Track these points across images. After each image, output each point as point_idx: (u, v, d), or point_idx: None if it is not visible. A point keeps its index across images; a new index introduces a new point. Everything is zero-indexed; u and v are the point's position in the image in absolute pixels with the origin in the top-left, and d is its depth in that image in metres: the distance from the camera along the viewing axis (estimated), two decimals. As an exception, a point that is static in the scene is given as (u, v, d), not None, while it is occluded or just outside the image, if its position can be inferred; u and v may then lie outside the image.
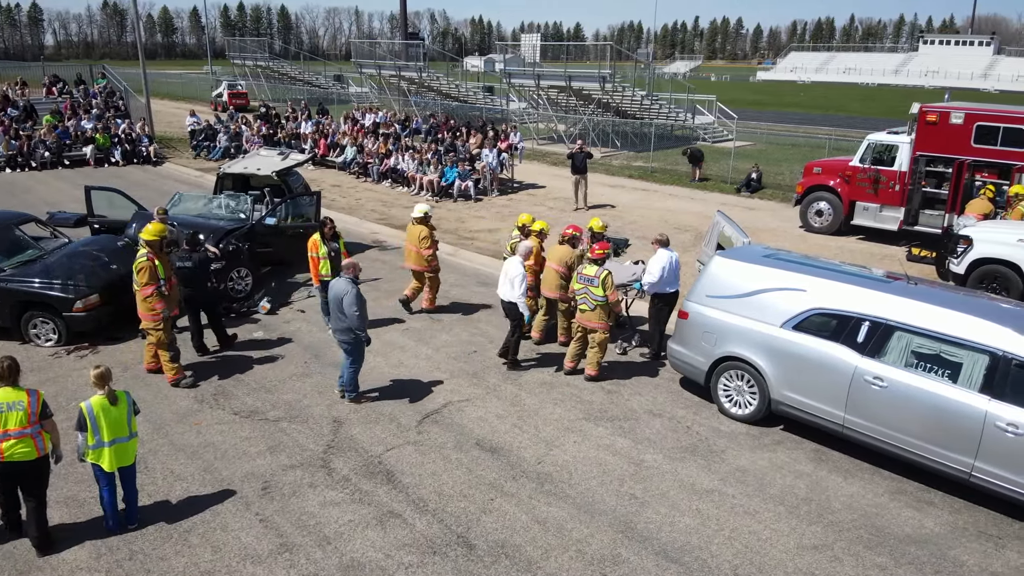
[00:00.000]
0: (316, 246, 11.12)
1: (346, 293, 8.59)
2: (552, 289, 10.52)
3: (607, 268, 9.66)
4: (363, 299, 8.81)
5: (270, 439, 8.27)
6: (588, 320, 9.65)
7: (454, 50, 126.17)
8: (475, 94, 39.56)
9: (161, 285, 9.27)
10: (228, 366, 10.19)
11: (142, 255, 9.32)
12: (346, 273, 8.88)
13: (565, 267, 10.32)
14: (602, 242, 10.25)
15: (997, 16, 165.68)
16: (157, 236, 9.40)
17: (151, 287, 9.20)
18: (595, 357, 9.79)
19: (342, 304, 8.61)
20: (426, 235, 11.79)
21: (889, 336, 7.74)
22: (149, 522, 6.85)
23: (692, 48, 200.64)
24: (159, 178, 24.50)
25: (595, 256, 9.59)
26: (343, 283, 8.74)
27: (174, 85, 60.08)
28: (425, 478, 7.55)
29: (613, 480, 7.57)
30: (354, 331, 8.71)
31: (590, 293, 9.51)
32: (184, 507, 7.08)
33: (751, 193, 22.48)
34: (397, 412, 8.91)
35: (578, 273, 9.75)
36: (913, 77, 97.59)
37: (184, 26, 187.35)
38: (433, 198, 21.47)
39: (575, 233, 10.65)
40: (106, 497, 6.66)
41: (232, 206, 13.77)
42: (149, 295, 9.21)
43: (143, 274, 9.18)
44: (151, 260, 9.23)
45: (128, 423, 6.60)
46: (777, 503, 7.27)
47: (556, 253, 10.49)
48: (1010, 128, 14.73)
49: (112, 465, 6.52)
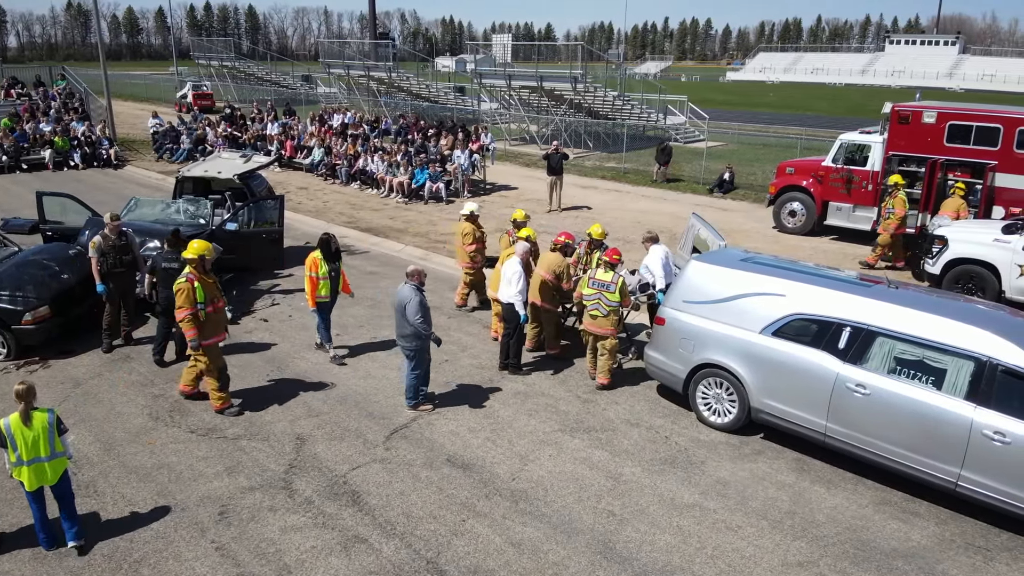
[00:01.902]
0: (316, 265, 10.00)
1: (409, 300, 8.44)
2: (539, 297, 10.16)
3: (621, 274, 9.44)
4: (426, 307, 8.63)
5: (228, 459, 7.83)
6: (600, 327, 9.39)
7: (425, 50, 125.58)
8: (446, 94, 39.12)
9: (199, 309, 8.39)
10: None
11: (182, 275, 8.49)
12: (411, 280, 8.64)
13: (554, 275, 9.99)
14: (614, 247, 9.91)
15: (962, 16, 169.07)
16: (199, 254, 8.53)
17: (185, 311, 8.32)
18: (607, 364, 9.52)
19: (405, 311, 8.42)
20: (468, 231, 11.61)
21: (871, 342, 7.52)
22: (97, 551, 6.41)
23: (662, 49, 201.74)
24: (120, 182, 23.79)
25: (611, 260, 9.37)
26: (408, 290, 8.54)
27: (138, 86, 58.87)
28: (393, 498, 7.16)
29: (590, 496, 7.25)
30: (419, 337, 8.54)
31: (604, 299, 9.26)
32: (135, 535, 6.63)
33: (724, 194, 22.37)
34: (364, 427, 8.51)
35: (590, 278, 9.49)
36: (880, 77, 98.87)
37: (150, 27, 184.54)
38: (403, 200, 21.04)
39: (568, 241, 10.30)
40: (35, 514, 6.32)
41: (191, 211, 13.24)
42: (182, 319, 8.38)
43: (179, 296, 8.35)
44: (190, 282, 8.37)
45: (50, 442, 6.17)
46: (760, 517, 7.00)
47: (546, 261, 10.14)
48: (982, 127, 14.70)
49: (32, 484, 6.17)
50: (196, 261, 8.52)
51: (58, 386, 9.48)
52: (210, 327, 8.56)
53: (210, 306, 8.49)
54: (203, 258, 8.56)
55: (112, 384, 9.58)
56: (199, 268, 8.52)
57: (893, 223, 14.45)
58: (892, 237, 14.55)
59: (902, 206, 14.37)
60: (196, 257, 8.52)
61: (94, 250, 10.34)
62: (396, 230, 17.78)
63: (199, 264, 8.52)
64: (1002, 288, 11.92)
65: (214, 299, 8.60)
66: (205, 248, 8.65)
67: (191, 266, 8.52)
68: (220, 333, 8.76)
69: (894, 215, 14.42)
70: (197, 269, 8.50)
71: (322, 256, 10.04)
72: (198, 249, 8.57)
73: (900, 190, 14.54)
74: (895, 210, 14.40)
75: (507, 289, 9.68)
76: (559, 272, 10.01)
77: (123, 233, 10.64)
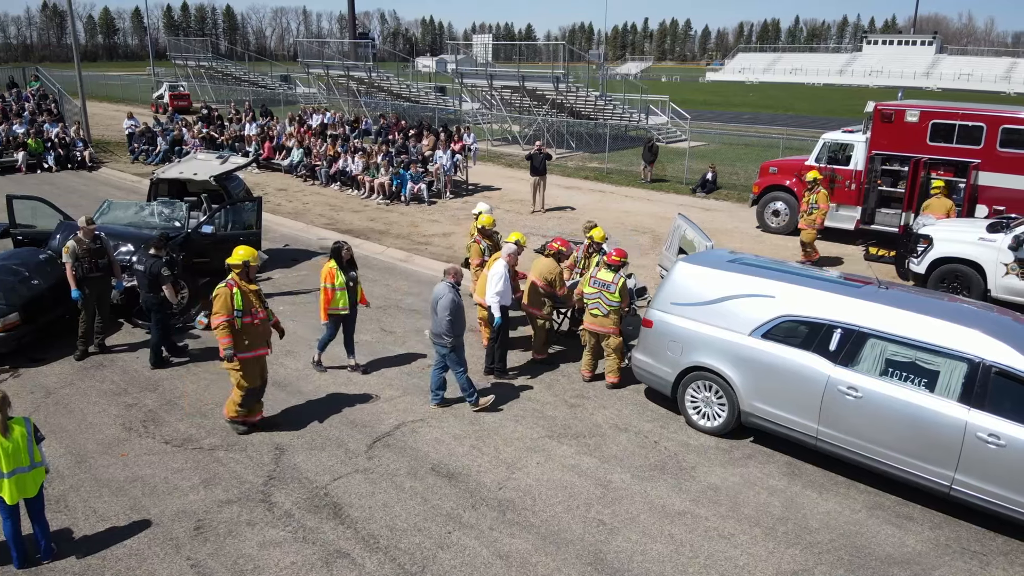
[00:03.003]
0: (332, 275, 9.49)
1: (442, 297, 8.47)
2: (533, 305, 9.98)
3: (623, 275, 9.35)
4: (460, 306, 8.55)
5: (204, 471, 7.56)
6: (601, 325, 9.31)
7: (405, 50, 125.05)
8: (427, 94, 38.85)
9: (236, 317, 7.87)
10: (160, 388, 9.41)
11: (223, 282, 7.97)
12: (447, 278, 8.68)
13: (547, 282, 9.80)
14: (618, 248, 9.73)
15: (938, 15, 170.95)
16: (243, 260, 8.02)
17: (221, 317, 7.78)
18: (615, 363, 9.45)
19: (437, 307, 8.47)
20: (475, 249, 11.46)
21: (862, 344, 7.41)
22: (68, 570, 6.13)
23: (642, 49, 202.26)
24: (94, 184, 23.31)
25: (611, 262, 9.31)
26: (442, 287, 8.62)
27: (114, 87, 57.99)
28: (376, 510, 6.93)
29: (580, 505, 7.07)
30: (452, 334, 8.49)
31: (604, 298, 9.17)
32: (108, 552, 6.35)
33: (707, 194, 22.31)
34: (345, 436, 8.26)
35: (591, 276, 9.40)
36: (858, 77, 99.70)
37: (126, 27, 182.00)
38: (384, 202, 20.77)
39: (562, 248, 10.09)
40: (9, 531, 6.04)
41: (166, 214, 12.90)
42: (217, 326, 7.84)
43: (216, 301, 7.84)
44: (229, 288, 7.86)
45: (29, 452, 5.93)
46: (753, 524, 6.85)
47: (539, 267, 9.94)
48: (965, 125, 14.71)
49: (13, 497, 5.90)
50: (240, 267, 8.02)
51: (28, 396, 9.15)
52: (249, 338, 7.98)
53: (248, 316, 8.01)
54: (247, 264, 8.07)
55: (84, 393, 9.27)
56: (243, 275, 8.04)
57: (818, 219, 14.27)
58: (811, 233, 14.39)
59: (825, 201, 14.26)
60: (240, 263, 8.02)
61: (68, 255, 10.01)
62: (377, 232, 17.52)
63: (243, 271, 8.04)
64: (987, 287, 11.89)
65: (253, 309, 8.04)
66: (251, 255, 8.12)
67: (234, 272, 8.01)
68: (260, 347, 8.12)
69: (818, 211, 14.24)
70: (240, 276, 8.01)
71: (337, 266, 9.55)
72: (243, 256, 8.05)
73: (820, 185, 14.44)
74: (818, 205, 14.25)
75: (490, 289, 9.49)
76: (552, 279, 9.82)
77: (98, 237, 10.33)
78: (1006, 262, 11.66)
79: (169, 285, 9.87)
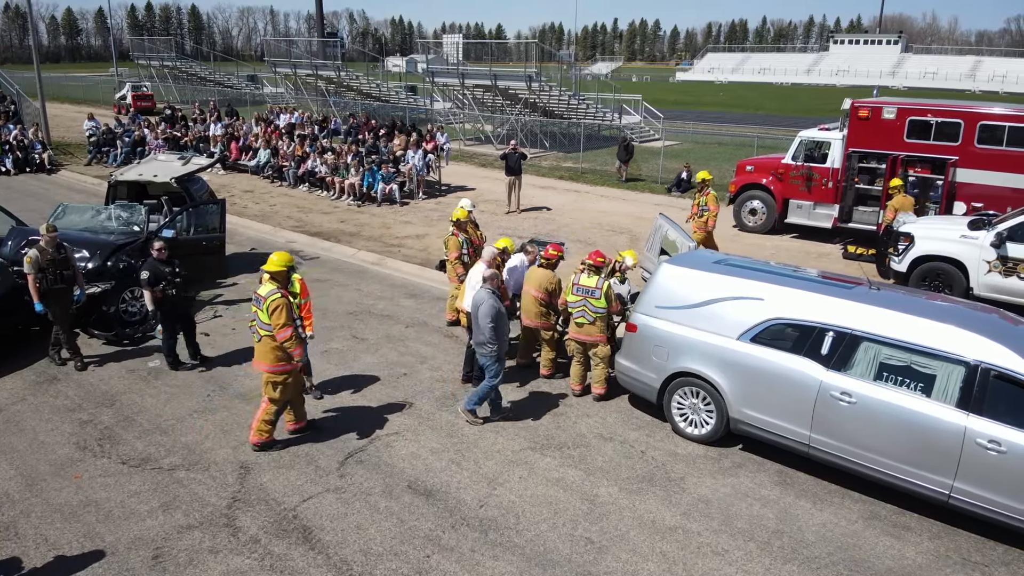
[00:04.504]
0: None
1: (482, 304, 8.10)
2: (532, 317, 9.45)
3: (608, 280, 8.91)
4: (501, 312, 8.17)
5: (164, 493, 7.05)
6: (587, 334, 8.86)
7: (375, 50, 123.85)
8: (397, 94, 38.29)
9: (298, 326, 7.68)
10: (117, 403, 8.86)
11: (274, 291, 7.46)
12: (487, 284, 8.30)
13: (545, 293, 9.24)
14: (597, 250, 9.29)
15: (902, 15, 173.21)
16: (287, 266, 7.66)
17: (288, 328, 7.38)
18: (602, 373, 8.99)
19: (479, 315, 8.14)
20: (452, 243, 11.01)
21: (855, 347, 7.13)
22: (11, 607, 5.62)
23: (612, 50, 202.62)
24: (53, 187, 22.49)
25: (595, 263, 8.85)
26: (483, 294, 8.22)
27: (76, 88, 56.62)
28: (349, 533, 6.49)
29: (566, 522, 6.69)
30: (494, 342, 8.17)
31: (589, 305, 8.72)
32: (55, 586, 5.85)
33: (682, 193, 22.09)
34: (315, 452, 7.79)
35: (574, 284, 8.90)
36: (825, 76, 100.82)
37: (89, 28, 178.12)
38: (355, 203, 20.24)
39: (559, 255, 9.47)
40: None
41: (124, 217, 12.29)
42: (287, 339, 7.41)
43: (279, 313, 7.33)
44: (285, 297, 7.49)
45: None
46: (747, 539, 6.53)
47: (535, 277, 9.34)
48: (943, 122, 14.62)
49: None
50: (284, 274, 7.65)
51: (-27, 414, 8.57)
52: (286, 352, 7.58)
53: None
54: (291, 270, 7.76)
55: (36, 409, 8.70)
56: (284, 282, 7.69)
57: (710, 221, 13.86)
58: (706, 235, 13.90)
59: (715, 203, 13.86)
60: (284, 269, 7.63)
61: (30, 266, 9.38)
62: (348, 234, 17.01)
63: (283, 278, 7.67)
64: (970, 285, 11.75)
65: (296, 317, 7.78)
66: (290, 260, 7.77)
67: (278, 280, 7.58)
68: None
69: (708, 213, 13.84)
70: (282, 283, 7.66)
71: None
72: (286, 260, 7.69)
73: (709, 187, 14.00)
74: (708, 207, 13.84)
75: (471, 296, 9.08)
76: (550, 289, 9.29)
77: (61, 246, 9.72)
78: (988, 259, 11.52)
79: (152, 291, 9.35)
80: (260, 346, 7.52)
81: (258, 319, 7.48)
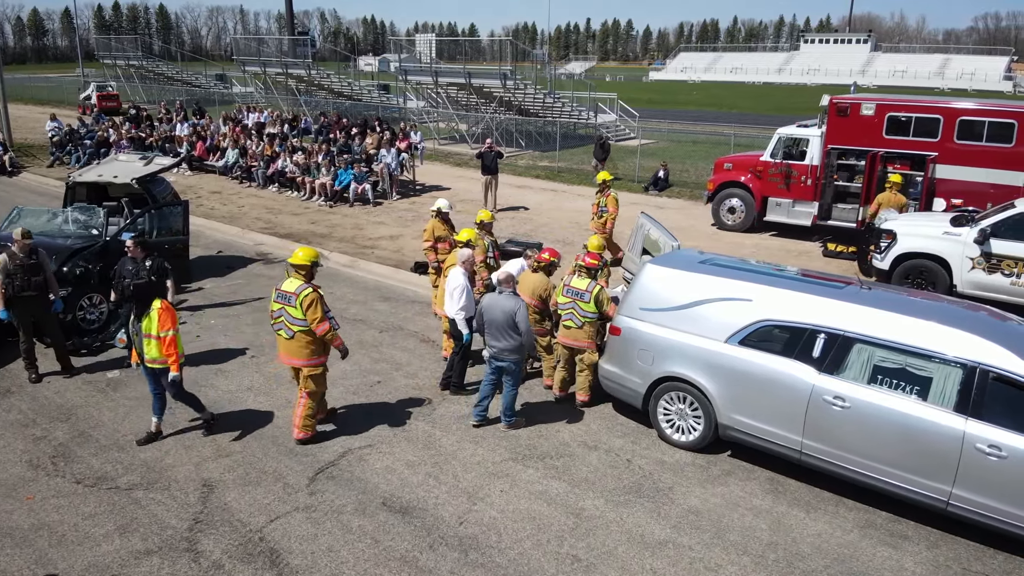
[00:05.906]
0: None
1: (518, 309, 7.75)
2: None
3: (599, 283, 8.54)
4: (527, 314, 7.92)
5: (121, 515, 6.58)
6: (575, 339, 8.50)
7: (347, 50, 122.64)
8: (369, 92, 37.71)
9: (332, 318, 7.64)
10: (72, 417, 8.35)
11: (304, 285, 7.40)
12: (506, 287, 8.00)
13: (539, 299, 8.77)
14: (592, 252, 8.93)
15: (871, 15, 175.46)
16: (312, 260, 7.58)
17: (326, 322, 7.44)
18: (586, 380, 8.63)
19: (513, 320, 7.71)
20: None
21: (848, 349, 6.87)
22: (-53, 647, 5.13)
23: (585, 49, 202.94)
24: (14, 190, 21.69)
25: (588, 265, 8.53)
26: (510, 301, 7.83)
27: (40, 89, 55.26)
28: (319, 556, 6.07)
29: (551, 539, 6.33)
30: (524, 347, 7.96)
31: (578, 308, 8.36)
32: (-3, 622, 5.38)
33: (659, 192, 21.89)
34: (283, 468, 7.35)
35: (565, 285, 8.55)
36: (796, 75, 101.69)
37: (56, 28, 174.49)
38: (326, 203, 19.73)
39: (553, 259, 8.96)
40: None
41: (82, 220, 11.72)
42: (327, 331, 7.43)
43: (315, 308, 7.34)
44: (316, 290, 7.43)
45: None
46: (740, 552, 6.23)
47: (529, 283, 8.85)
48: (922, 118, 14.50)
49: None
50: (309, 268, 7.53)
51: (-85, 431, 8.01)
52: (321, 344, 7.62)
53: None
54: (315, 265, 7.63)
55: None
56: (309, 276, 7.56)
57: (608, 223, 13.59)
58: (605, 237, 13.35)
59: (615, 206, 13.64)
60: (309, 264, 7.54)
61: None
62: (319, 235, 16.51)
63: (309, 272, 7.54)
64: (953, 282, 11.60)
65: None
66: (316, 255, 7.69)
67: (304, 274, 7.49)
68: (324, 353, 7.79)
69: (607, 215, 13.61)
70: (308, 278, 7.54)
71: None
72: (312, 256, 7.62)
73: (611, 188, 13.84)
74: (608, 209, 13.62)
75: (450, 304, 8.67)
76: (544, 295, 8.83)
77: (34, 252, 9.18)
78: (972, 256, 11.38)
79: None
80: (293, 343, 7.48)
81: (287, 315, 7.41)
